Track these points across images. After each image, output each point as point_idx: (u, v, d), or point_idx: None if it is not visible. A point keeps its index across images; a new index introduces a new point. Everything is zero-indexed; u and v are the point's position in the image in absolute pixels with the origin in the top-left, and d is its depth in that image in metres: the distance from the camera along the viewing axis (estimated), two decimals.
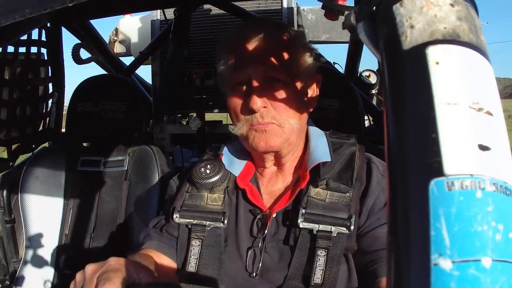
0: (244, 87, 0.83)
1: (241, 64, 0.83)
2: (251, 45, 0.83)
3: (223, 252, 0.86)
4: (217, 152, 0.97)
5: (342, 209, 0.81)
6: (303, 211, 0.81)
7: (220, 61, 0.90)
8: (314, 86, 0.91)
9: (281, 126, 0.82)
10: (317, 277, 0.78)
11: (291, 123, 0.83)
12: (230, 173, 0.91)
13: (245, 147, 0.90)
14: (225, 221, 0.85)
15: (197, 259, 0.85)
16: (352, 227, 0.79)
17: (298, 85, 0.85)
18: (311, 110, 0.91)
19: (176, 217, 0.87)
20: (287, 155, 0.89)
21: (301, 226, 0.81)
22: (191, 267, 0.85)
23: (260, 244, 0.85)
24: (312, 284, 0.78)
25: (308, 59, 0.87)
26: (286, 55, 0.83)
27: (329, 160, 0.85)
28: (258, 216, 0.86)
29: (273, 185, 0.91)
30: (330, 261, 0.79)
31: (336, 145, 0.90)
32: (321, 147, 0.88)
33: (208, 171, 0.90)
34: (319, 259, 0.79)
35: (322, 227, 0.80)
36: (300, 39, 0.88)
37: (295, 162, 0.90)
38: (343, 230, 0.80)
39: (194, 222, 0.87)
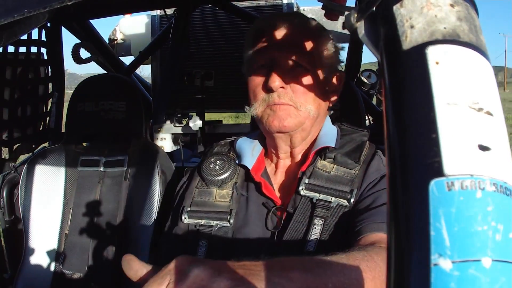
0: (266, 70, 0.85)
1: (266, 47, 0.85)
2: (278, 31, 0.85)
3: (231, 249, 0.85)
4: (228, 145, 0.97)
5: (346, 183, 0.83)
6: (306, 180, 0.82)
7: (247, 47, 0.91)
8: (336, 81, 0.92)
9: (297, 109, 0.83)
10: (310, 245, 0.78)
11: (308, 108, 0.84)
12: (240, 168, 0.92)
13: (261, 129, 0.91)
14: (231, 220, 0.85)
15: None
16: (352, 200, 0.80)
17: (320, 74, 0.86)
18: (331, 105, 0.92)
19: (185, 218, 0.87)
20: (300, 145, 0.89)
21: (301, 193, 0.82)
22: None
23: (276, 238, 0.84)
24: (305, 251, 0.78)
25: (332, 53, 0.90)
26: (310, 44, 0.86)
27: (333, 145, 0.86)
28: (272, 210, 0.86)
29: (286, 178, 0.91)
30: (326, 231, 0.79)
31: (348, 131, 0.92)
32: (329, 136, 0.90)
33: (217, 167, 0.90)
34: (315, 228, 0.79)
35: (322, 196, 0.81)
36: (326, 33, 0.90)
37: (308, 152, 0.91)
38: (343, 202, 0.81)
39: (202, 223, 0.87)
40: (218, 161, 0.91)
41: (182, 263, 0.48)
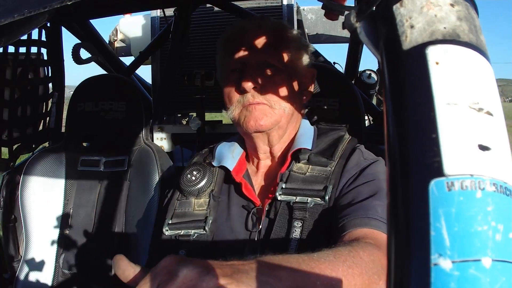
0: (238, 73, 0.87)
1: (237, 51, 0.88)
2: (247, 35, 0.88)
3: (210, 256, 0.86)
4: (206, 153, 1.00)
5: (320, 181, 0.83)
6: (283, 185, 0.84)
7: (218, 55, 0.94)
8: (308, 79, 0.94)
9: (271, 107, 0.85)
10: (292, 248, 0.79)
11: (282, 106, 0.86)
12: (217, 174, 0.94)
13: (239, 131, 0.93)
14: (207, 227, 0.87)
15: None
16: (326, 197, 0.81)
17: (293, 74, 0.89)
18: (305, 102, 0.95)
19: (166, 230, 0.90)
20: (277, 143, 0.91)
21: (279, 198, 0.83)
22: None
23: (257, 238, 0.85)
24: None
25: (301, 52, 0.92)
26: (280, 45, 0.88)
27: (309, 147, 0.88)
28: (252, 211, 0.88)
29: (267, 179, 0.93)
30: (306, 232, 0.80)
31: (325, 130, 0.94)
32: (306, 136, 0.91)
33: (193, 178, 0.92)
34: (295, 230, 0.80)
35: (299, 198, 0.82)
36: (294, 34, 0.93)
37: (286, 151, 0.92)
38: (318, 200, 0.81)
39: (181, 233, 0.89)
40: (194, 171, 0.93)
41: (170, 263, 0.48)
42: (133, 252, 1.32)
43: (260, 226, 0.86)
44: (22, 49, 1.49)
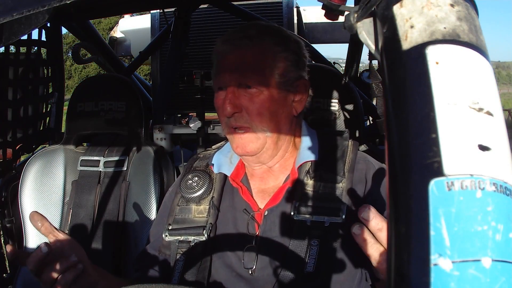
0: (223, 92, 0.87)
1: (221, 70, 0.87)
2: (231, 53, 0.86)
3: (209, 261, 0.87)
4: (207, 158, 1.00)
5: (335, 199, 0.83)
6: (296, 204, 0.84)
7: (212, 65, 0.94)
8: (300, 91, 0.90)
9: (255, 132, 0.85)
10: (310, 266, 0.79)
11: (265, 129, 0.85)
12: (216, 180, 0.94)
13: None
14: (206, 234, 0.88)
15: (179, 272, 0.87)
16: (343, 216, 0.81)
17: (275, 92, 0.85)
18: (295, 114, 0.91)
19: (166, 235, 0.91)
20: (270, 160, 0.90)
21: (295, 218, 0.83)
22: (174, 279, 0.87)
23: (254, 242, 0.86)
24: (305, 273, 0.79)
25: (290, 67, 0.87)
26: (261, 64, 0.85)
27: (314, 159, 0.88)
28: (251, 215, 0.88)
29: (265, 183, 0.93)
30: (323, 250, 0.80)
31: (327, 140, 0.93)
32: (310, 147, 0.91)
33: (194, 184, 0.93)
34: (312, 249, 0.80)
35: (315, 217, 0.82)
36: (283, 46, 0.87)
37: (286, 162, 0.92)
38: (336, 219, 0.81)
39: (181, 239, 0.90)
40: (195, 178, 0.94)
41: None
42: (133, 252, 1.32)
43: (259, 230, 0.86)
44: (22, 49, 1.49)
